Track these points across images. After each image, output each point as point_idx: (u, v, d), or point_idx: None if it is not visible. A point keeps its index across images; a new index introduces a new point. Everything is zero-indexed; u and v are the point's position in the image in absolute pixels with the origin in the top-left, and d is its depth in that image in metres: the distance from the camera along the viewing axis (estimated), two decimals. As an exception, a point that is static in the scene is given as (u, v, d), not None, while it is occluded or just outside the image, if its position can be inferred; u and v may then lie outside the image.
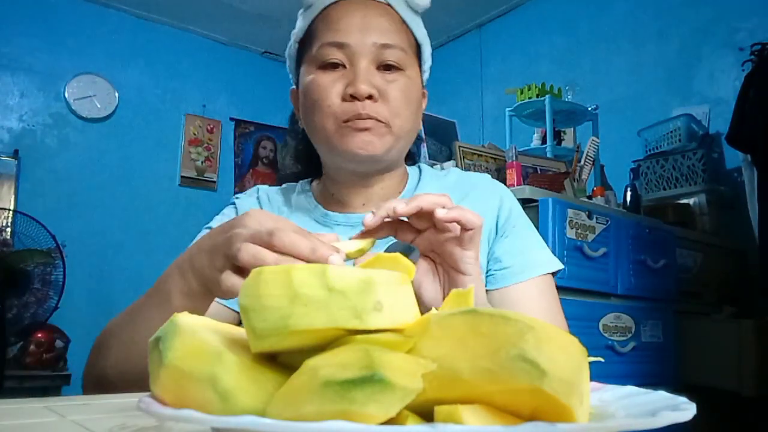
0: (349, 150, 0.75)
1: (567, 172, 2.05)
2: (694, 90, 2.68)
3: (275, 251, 0.50)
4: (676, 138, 2.43)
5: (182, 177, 3.97)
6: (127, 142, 3.76)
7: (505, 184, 1.90)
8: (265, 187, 0.92)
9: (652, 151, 2.50)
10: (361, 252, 0.55)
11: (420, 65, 0.84)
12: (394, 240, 0.64)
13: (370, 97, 0.73)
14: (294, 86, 0.87)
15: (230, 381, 0.29)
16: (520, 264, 0.79)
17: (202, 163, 4.06)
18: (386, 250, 0.69)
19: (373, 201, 0.83)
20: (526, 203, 1.66)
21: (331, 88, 0.75)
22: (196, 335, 0.31)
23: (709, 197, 2.30)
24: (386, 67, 0.76)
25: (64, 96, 3.59)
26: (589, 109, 2.58)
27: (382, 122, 0.75)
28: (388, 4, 0.80)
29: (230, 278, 0.52)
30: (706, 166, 2.32)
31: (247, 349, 0.31)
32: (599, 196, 2.05)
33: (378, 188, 0.83)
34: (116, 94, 3.75)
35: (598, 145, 2.21)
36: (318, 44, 0.77)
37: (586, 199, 1.97)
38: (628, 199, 2.21)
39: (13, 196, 3.34)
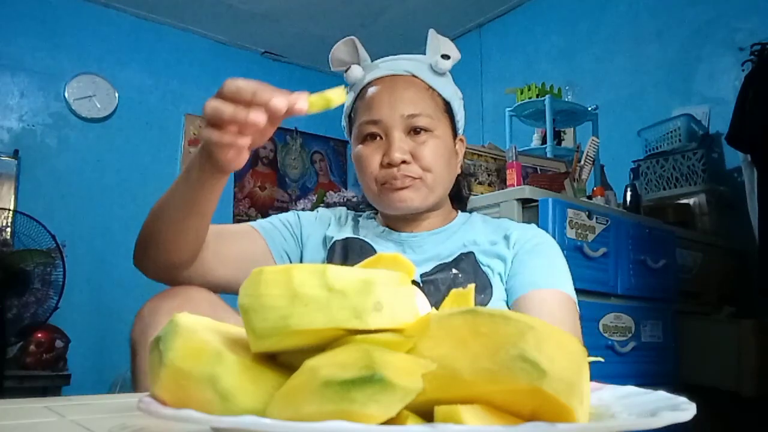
0: (391, 206, 0.91)
1: (567, 172, 2.05)
2: (694, 90, 2.67)
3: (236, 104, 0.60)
4: (676, 138, 2.43)
5: (182, 177, 3.97)
6: (127, 142, 3.76)
7: (505, 184, 1.92)
8: (342, 209, 1.08)
9: (652, 151, 2.50)
10: (326, 100, 0.59)
11: (452, 118, 0.96)
12: None
13: (404, 161, 0.88)
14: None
15: (230, 381, 0.29)
16: (544, 277, 0.87)
17: (202, 163, 4.06)
18: None
19: (419, 229, 0.97)
20: (525, 203, 1.66)
21: (371, 158, 0.90)
22: (196, 335, 0.31)
23: (709, 197, 2.30)
24: (416, 131, 0.90)
25: (64, 96, 3.59)
26: (589, 109, 2.58)
27: (417, 178, 0.89)
28: (414, 75, 0.93)
29: (203, 130, 0.65)
30: (706, 166, 2.32)
31: (247, 349, 0.31)
32: (599, 196, 2.05)
33: (425, 223, 0.97)
34: (116, 94, 3.74)
35: (598, 145, 2.21)
36: (358, 122, 0.93)
37: (586, 199, 1.97)
38: (628, 199, 2.21)
39: (13, 196, 3.33)
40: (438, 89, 0.94)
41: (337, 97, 0.59)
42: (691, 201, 2.32)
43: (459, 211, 1.03)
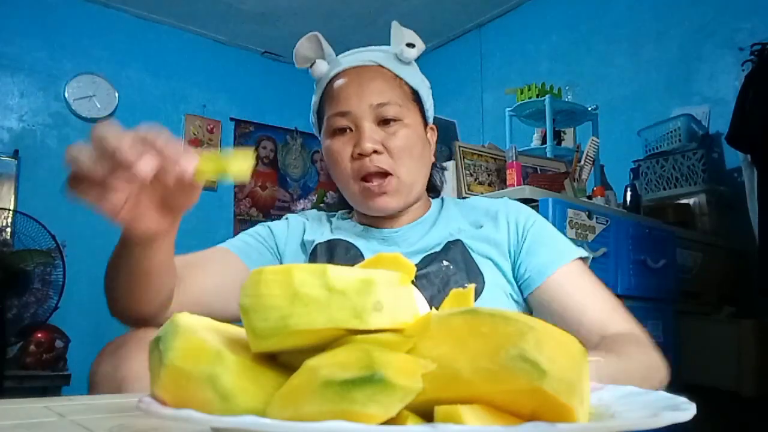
0: (373, 209, 0.90)
1: (567, 172, 2.05)
2: (694, 90, 2.67)
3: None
4: (676, 138, 2.43)
5: (182, 177, 3.97)
6: (127, 142, 3.76)
7: (505, 184, 1.92)
8: (313, 211, 1.06)
9: (652, 151, 2.50)
10: (220, 167, 0.48)
11: (421, 107, 0.94)
12: None
13: (375, 151, 0.86)
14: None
15: (230, 381, 0.29)
16: (543, 261, 0.85)
17: (202, 163, 4.06)
18: None
19: (399, 223, 0.94)
20: (526, 203, 1.66)
21: (342, 151, 0.88)
22: (196, 335, 0.31)
23: (709, 197, 2.30)
24: (385, 122, 0.88)
25: (64, 96, 3.59)
26: (589, 109, 2.58)
27: (390, 173, 0.87)
28: (380, 65, 0.91)
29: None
30: (706, 166, 2.32)
31: (247, 349, 0.31)
32: (599, 196, 2.05)
33: (405, 217, 0.94)
34: (116, 94, 3.74)
35: (598, 145, 2.21)
36: (327, 115, 0.91)
37: (586, 199, 1.97)
38: (628, 199, 2.21)
39: (13, 196, 3.34)
40: (405, 78, 0.92)
41: (239, 167, 0.47)
42: (691, 201, 2.32)
43: (432, 199, 1.02)
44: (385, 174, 0.87)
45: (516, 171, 1.89)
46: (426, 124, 0.96)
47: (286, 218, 1.02)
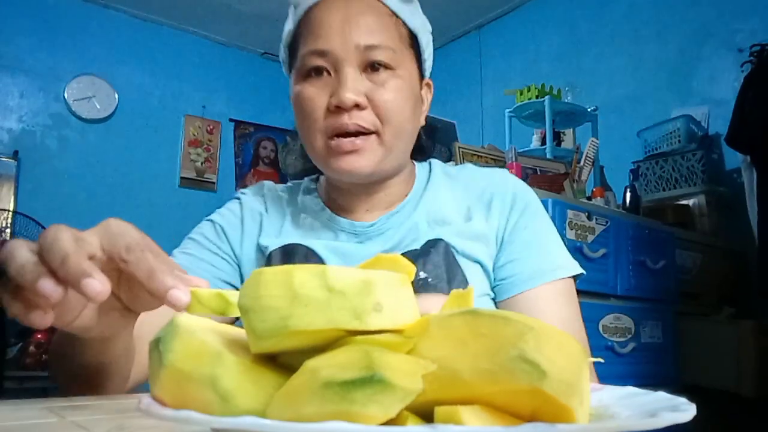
0: (339, 171, 0.73)
1: (566, 173, 2.05)
2: (694, 91, 2.68)
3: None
4: (675, 139, 2.43)
5: (182, 178, 3.97)
6: (127, 143, 3.76)
7: (505, 184, 1.92)
8: (271, 183, 0.89)
9: (651, 152, 2.50)
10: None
11: (418, 56, 0.78)
12: None
13: (357, 105, 0.69)
14: None
15: (230, 382, 0.29)
16: (527, 271, 0.74)
17: (201, 164, 4.06)
18: None
19: (377, 207, 0.80)
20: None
21: (316, 100, 0.71)
22: (196, 336, 0.31)
23: (709, 198, 2.30)
24: (374, 68, 0.71)
25: (64, 97, 3.59)
26: (589, 110, 2.58)
27: (372, 132, 0.71)
28: None
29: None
30: (705, 167, 2.32)
31: (247, 349, 0.31)
32: (599, 197, 2.05)
33: (382, 195, 0.79)
34: (116, 95, 3.75)
35: (597, 146, 2.21)
36: (301, 52, 0.73)
37: (586, 200, 1.97)
38: (628, 200, 2.21)
39: (12, 197, 3.34)
40: (403, 17, 0.75)
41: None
42: (690, 202, 2.32)
43: (417, 166, 0.85)
44: (366, 134, 0.71)
45: (515, 172, 1.89)
46: (422, 78, 0.80)
47: (239, 202, 0.84)
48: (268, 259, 0.77)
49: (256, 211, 0.83)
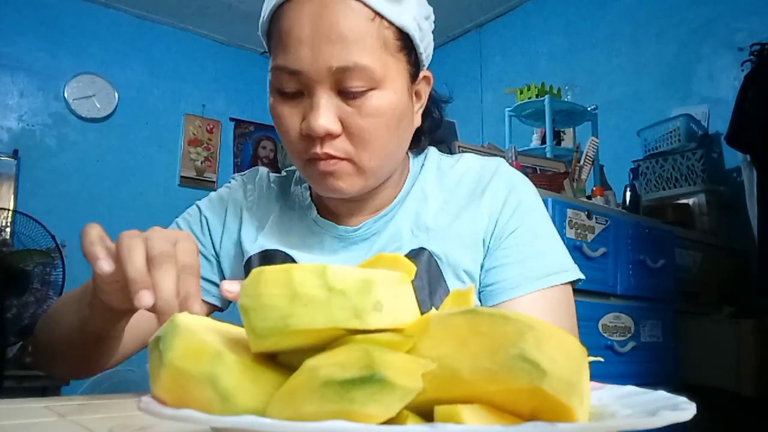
0: (320, 191, 0.71)
1: (566, 172, 2.05)
2: (694, 90, 2.68)
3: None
4: (675, 138, 2.43)
5: (182, 177, 3.97)
6: (127, 142, 3.76)
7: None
8: (266, 172, 0.86)
9: (651, 151, 2.50)
10: None
11: (411, 55, 0.69)
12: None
13: (330, 133, 0.64)
14: None
15: (230, 381, 0.29)
16: (515, 277, 0.70)
17: (201, 163, 4.06)
18: None
19: (364, 212, 0.76)
20: (525, 203, 1.66)
21: (289, 121, 0.66)
22: (196, 335, 0.31)
23: (709, 197, 2.30)
24: (348, 92, 0.64)
25: (64, 96, 3.59)
26: (589, 109, 2.58)
27: (345, 159, 0.66)
28: None
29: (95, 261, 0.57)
30: (705, 166, 2.32)
31: (247, 349, 0.31)
32: (599, 196, 2.05)
33: (370, 200, 0.76)
34: (116, 94, 3.74)
35: (597, 145, 2.21)
36: (272, 61, 0.66)
37: (586, 199, 1.97)
38: (628, 199, 2.21)
39: (12, 196, 3.33)
40: (390, 17, 0.64)
41: None
42: (690, 201, 2.32)
43: (411, 159, 0.80)
44: (340, 158, 0.66)
45: (515, 171, 1.89)
46: (417, 75, 0.71)
47: (228, 191, 0.85)
48: (247, 263, 0.77)
49: (239, 205, 0.82)
